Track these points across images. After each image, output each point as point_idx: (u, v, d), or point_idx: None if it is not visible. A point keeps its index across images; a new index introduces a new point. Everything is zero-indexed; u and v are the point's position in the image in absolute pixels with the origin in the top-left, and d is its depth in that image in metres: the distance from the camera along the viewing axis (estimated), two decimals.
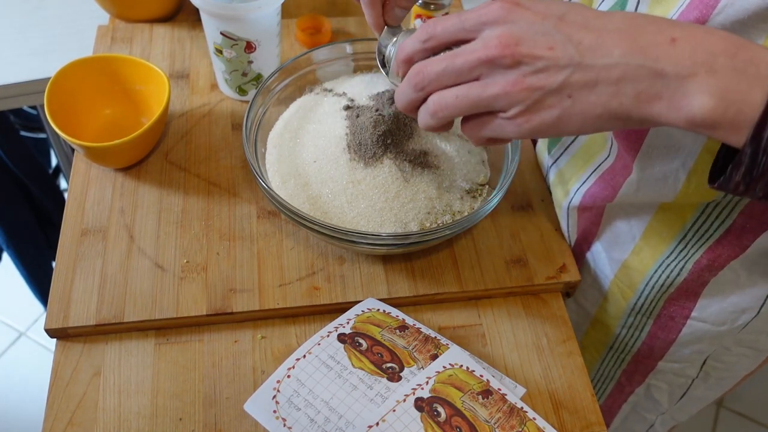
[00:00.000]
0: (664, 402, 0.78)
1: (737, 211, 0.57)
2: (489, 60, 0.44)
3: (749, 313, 0.64)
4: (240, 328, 0.67)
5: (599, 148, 0.65)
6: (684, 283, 0.63)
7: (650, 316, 0.68)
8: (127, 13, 0.92)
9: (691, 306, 0.65)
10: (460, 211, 0.70)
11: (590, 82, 0.42)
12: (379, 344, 0.62)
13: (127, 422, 0.61)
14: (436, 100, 0.48)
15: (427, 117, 0.49)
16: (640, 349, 0.72)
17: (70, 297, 0.66)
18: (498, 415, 0.57)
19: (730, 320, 0.65)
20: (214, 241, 0.71)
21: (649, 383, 0.76)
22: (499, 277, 0.70)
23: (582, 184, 0.68)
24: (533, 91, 0.43)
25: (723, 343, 0.69)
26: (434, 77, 0.47)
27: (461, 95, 0.46)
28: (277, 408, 0.58)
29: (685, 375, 0.74)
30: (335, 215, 0.67)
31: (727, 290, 0.63)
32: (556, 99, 0.43)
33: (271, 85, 0.74)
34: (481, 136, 0.48)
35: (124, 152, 0.74)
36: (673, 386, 0.76)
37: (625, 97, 0.42)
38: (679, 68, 0.40)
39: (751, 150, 0.40)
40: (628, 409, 0.82)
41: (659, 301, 0.66)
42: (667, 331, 0.68)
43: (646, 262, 0.65)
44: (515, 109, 0.44)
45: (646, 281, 0.66)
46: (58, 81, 0.75)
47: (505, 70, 0.44)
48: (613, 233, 0.68)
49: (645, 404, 0.80)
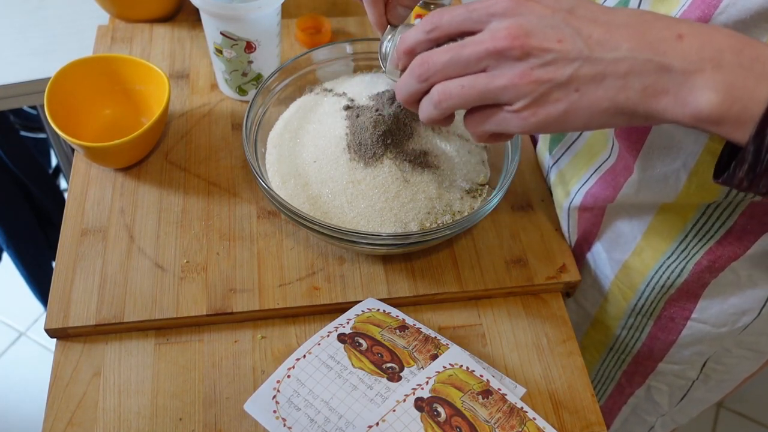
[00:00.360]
0: (664, 404, 0.78)
1: (738, 212, 0.57)
2: (497, 51, 0.43)
3: (750, 315, 0.64)
4: (240, 328, 0.67)
5: (600, 148, 0.65)
6: (684, 284, 0.63)
7: (650, 317, 0.68)
8: (127, 13, 0.92)
9: (692, 307, 0.65)
10: (460, 211, 0.70)
11: (598, 75, 0.42)
12: (379, 344, 0.62)
13: (127, 422, 0.61)
14: (441, 89, 0.47)
15: (431, 107, 0.48)
16: (640, 350, 0.72)
17: (70, 297, 0.66)
18: (498, 415, 0.57)
19: (730, 322, 0.65)
20: (214, 241, 0.71)
21: (649, 384, 0.76)
22: (499, 277, 0.70)
23: (583, 184, 0.68)
24: (541, 83, 0.43)
25: (723, 345, 0.69)
26: (440, 67, 0.46)
27: (467, 85, 0.45)
28: (277, 408, 0.58)
29: (686, 377, 0.74)
30: (335, 215, 0.67)
31: (727, 292, 0.63)
32: (563, 92, 0.43)
33: (271, 85, 0.74)
34: (485, 130, 0.48)
35: (124, 152, 0.74)
36: (673, 388, 0.76)
37: (632, 91, 0.42)
38: (686, 64, 0.40)
39: (755, 147, 0.40)
40: (628, 410, 0.82)
41: (660, 302, 0.66)
42: (668, 333, 0.68)
43: (646, 262, 0.65)
44: (521, 102, 0.44)
45: (647, 282, 0.66)
46: (58, 81, 0.75)
47: (513, 62, 0.43)
48: (614, 234, 0.68)
49: (645, 406, 0.79)
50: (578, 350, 0.67)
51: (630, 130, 0.58)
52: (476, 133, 0.49)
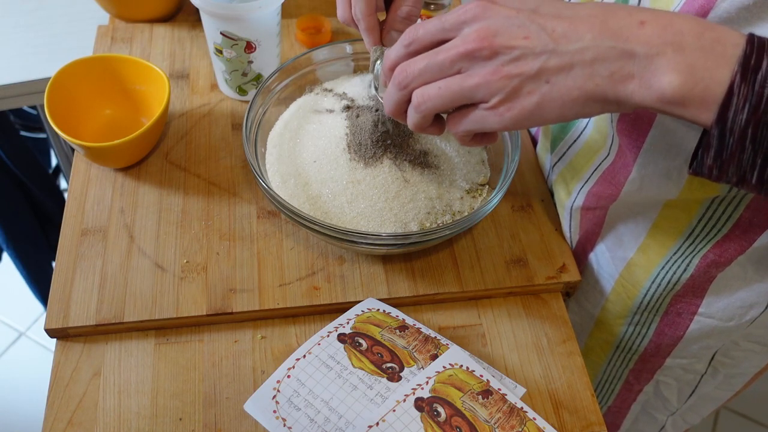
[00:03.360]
0: (673, 400, 0.78)
1: (743, 206, 0.57)
2: (468, 53, 0.46)
3: (757, 309, 0.64)
4: (240, 328, 0.67)
5: (599, 146, 0.65)
6: (691, 280, 0.63)
7: (657, 314, 0.68)
8: (127, 13, 0.92)
9: (699, 302, 0.65)
10: (460, 211, 0.70)
11: (566, 65, 0.44)
12: (379, 344, 0.62)
13: (127, 422, 0.61)
14: (420, 93, 0.49)
15: (413, 112, 0.51)
16: (648, 347, 0.72)
17: (70, 297, 0.66)
18: (498, 415, 0.58)
19: (737, 316, 0.65)
20: (214, 241, 0.71)
21: (657, 380, 0.76)
22: (499, 277, 0.70)
23: (584, 183, 0.68)
24: (512, 78, 0.45)
25: (731, 339, 0.69)
26: (417, 74, 0.49)
27: (443, 87, 0.48)
28: (277, 408, 0.58)
29: (694, 370, 0.74)
30: (335, 215, 0.67)
31: (734, 286, 0.63)
32: (535, 85, 0.45)
33: (271, 85, 0.74)
34: (466, 129, 0.50)
35: (124, 152, 0.74)
36: (681, 382, 0.75)
37: (599, 78, 0.44)
38: (648, 48, 0.42)
39: (718, 131, 0.41)
40: (638, 409, 0.82)
41: (666, 298, 0.66)
42: (675, 328, 0.68)
43: (652, 259, 0.65)
44: (496, 98, 0.46)
45: (653, 279, 0.66)
46: (58, 81, 0.75)
47: (484, 62, 0.46)
48: (618, 232, 0.68)
49: (654, 403, 0.79)
50: (578, 350, 0.67)
51: (631, 127, 0.58)
52: (458, 134, 0.51)
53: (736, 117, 0.40)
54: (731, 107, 0.40)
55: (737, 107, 0.40)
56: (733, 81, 0.40)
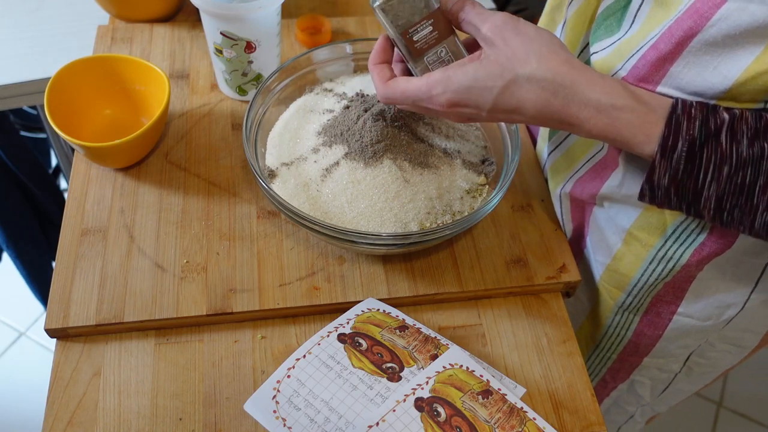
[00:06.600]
0: (645, 395, 0.80)
1: None
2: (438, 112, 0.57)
3: (733, 309, 0.65)
4: (240, 328, 0.67)
5: (595, 140, 0.66)
6: (671, 281, 0.64)
7: (637, 314, 0.69)
8: (127, 13, 0.92)
9: (678, 302, 0.66)
10: (460, 211, 0.70)
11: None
12: (379, 344, 0.62)
13: (127, 422, 0.61)
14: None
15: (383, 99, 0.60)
16: (626, 347, 0.73)
17: (70, 297, 0.66)
18: (498, 415, 0.58)
19: (715, 315, 0.66)
20: (214, 241, 0.71)
21: (633, 379, 0.77)
22: (499, 277, 0.70)
23: (575, 172, 0.69)
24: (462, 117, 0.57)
25: (708, 339, 0.70)
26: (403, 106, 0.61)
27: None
28: (277, 408, 0.58)
29: (669, 370, 0.75)
30: (335, 215, 0.67)
31: (713, 286, 0.64)
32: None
33: (271, 85, 0.74)
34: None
35: (124, 152, 0.74)
36: (655, 381, 0.77)
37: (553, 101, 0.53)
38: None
39: (648, 187, 0.52)
40: (610, 402, 0.83)
41: (646, 298, 0.67)
42: (654, 328, 0.69)
43: (632, 263, 0.66)
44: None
45: (634, 282, 0.67)
46: (58, 81, 0.75)
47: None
48: (598, 236, 0.69)
49: (627, 398, 0.81)
50: (578, 350, 0.67)
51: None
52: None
53: (659, 181, 0.51)
54: (655, 175, 0.50)
55: (659, 175, 0.50)
56: (654, 158, 0.50)
